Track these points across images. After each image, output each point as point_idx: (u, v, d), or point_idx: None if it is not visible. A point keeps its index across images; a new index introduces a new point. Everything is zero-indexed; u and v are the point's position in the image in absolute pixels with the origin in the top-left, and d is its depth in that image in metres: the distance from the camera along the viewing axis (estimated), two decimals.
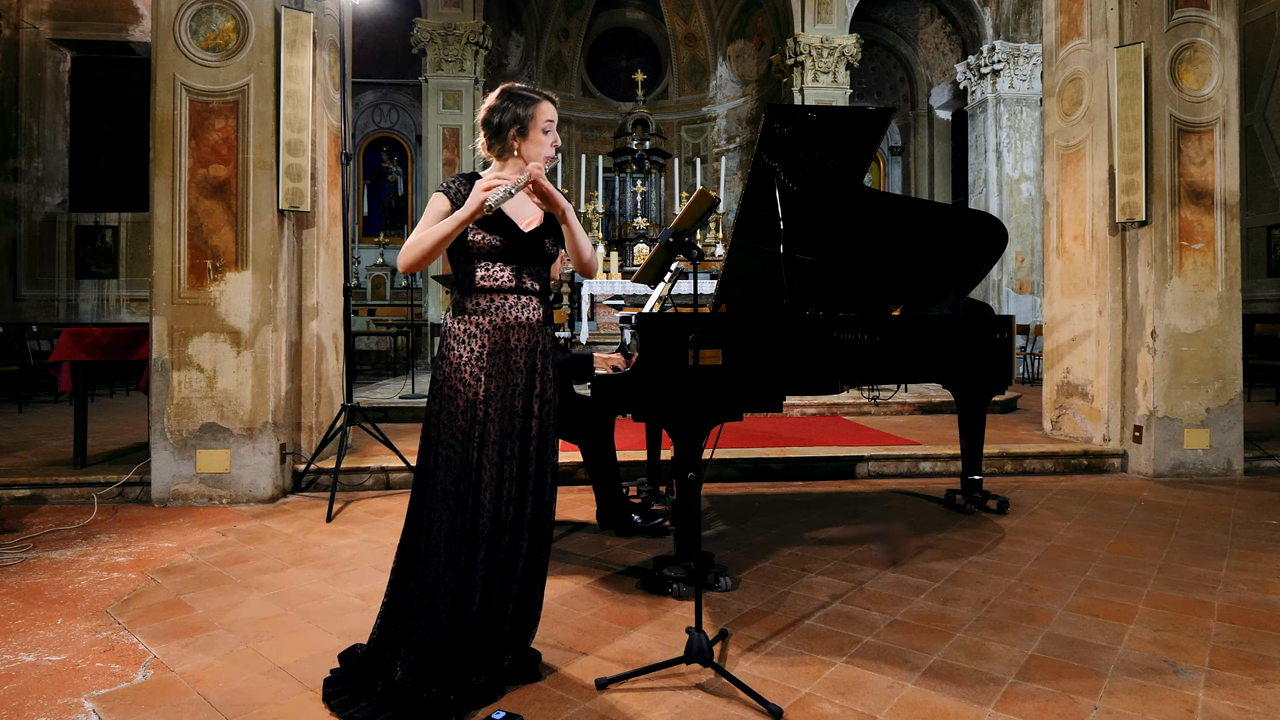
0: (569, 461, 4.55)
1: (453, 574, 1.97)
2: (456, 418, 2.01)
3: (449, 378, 2.02)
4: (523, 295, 2.08)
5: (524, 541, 2.07)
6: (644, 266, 3.45)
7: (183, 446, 4.07)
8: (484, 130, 2.11)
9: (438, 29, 10.27)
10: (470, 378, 2.01)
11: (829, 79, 10.28)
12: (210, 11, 4.16)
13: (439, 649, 1.94)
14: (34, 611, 2.59)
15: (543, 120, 2.08)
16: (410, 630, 1.97)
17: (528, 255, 2.09)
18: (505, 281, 2.06)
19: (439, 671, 1.93)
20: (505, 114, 2.06)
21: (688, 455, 2.67)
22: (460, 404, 2.01)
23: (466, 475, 1.99)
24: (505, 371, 2.05)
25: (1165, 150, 4.78)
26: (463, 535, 1.98)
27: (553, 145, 2.12)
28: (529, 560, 2.09)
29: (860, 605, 2.66)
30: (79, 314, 9.10)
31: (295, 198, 4.22)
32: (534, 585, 2.12)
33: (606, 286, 9.80)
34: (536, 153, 2.08)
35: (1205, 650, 2.30)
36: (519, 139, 2.07)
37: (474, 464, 2.00)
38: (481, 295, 2.05)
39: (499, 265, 2.05)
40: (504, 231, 2.04)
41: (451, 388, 2.02)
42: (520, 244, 2.06)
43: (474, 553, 1.99)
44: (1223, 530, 3.58)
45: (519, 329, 2.07)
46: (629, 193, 12.03)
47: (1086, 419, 5.20)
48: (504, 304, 2.06)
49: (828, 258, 3.50)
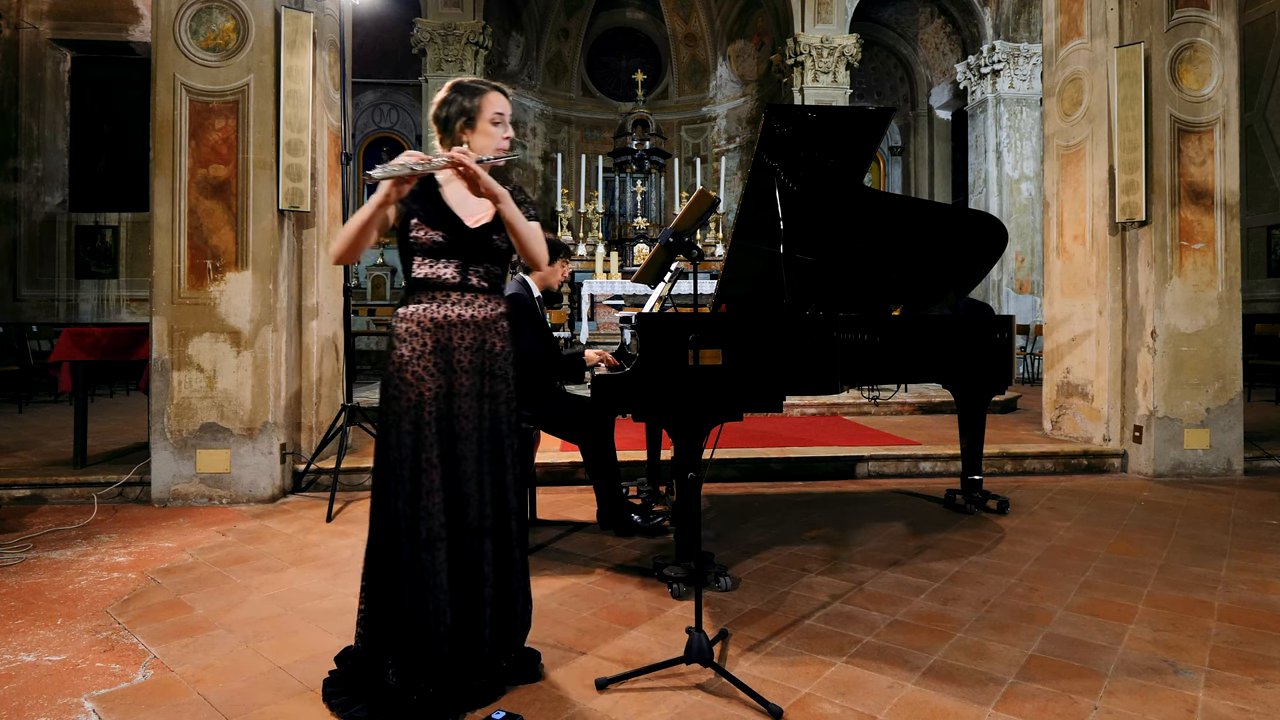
0: (569, 461, 4.56)
1: (413, 577, 1.92)
2: (402, 419, 1.95)
3: (393, 377, 1.97)
4: (467, 292, 2.01)
5: (488, 542, 2.00)
6: (644, 266, 3.45)
7: (183, 446, 4.07)
8: (435, 125, 2.06)
9: (438, 29, 10.27)
10: (413, 377, 1.96)
11: (829, 79, 10.28)
12: (210, 11, 4.16)
13: (421, 651, 1.91)
14: (34, 611, 2.59)
15: (490, 111, 2.02)
16: (387, 634, 1.93)
17: (473, 252, 2.01)
18: (449, 278, 1.99)
19: (428, 673, 1.90)
20: (452, 106, 2.02)
21: (688, 455, 2.67)
22: (404, 404, 1.95)
23: (416, 477, 1.94)
24: (449, 370, 1.98)
25: (1165, 150, 4.78)
26: (419, 538, 1.93)
27: (504, 137, 2.06)
28: (497, 561, 2.02)
29: (860, 605, 2.66)
30: (79, 314, 9.10)
31: (295, 198, 4.22)
32: (511, 585, 2.05)
33: (606, 286, 9.80)
34: (487, 144, 2.03)
35: (1205, 650, 2.30)
36: (467, 131, 2.02)
37: (422, 465, 1.94)
38: (423, 292, 1.99)
39: (442, 262, 1.99)
40: (447, 227, 1.97)
41: (395, 388, 1.96)
42: (464, 240, 1.99)
43: (433, 555, 1.93)
44: (1223, 530, 3.58)
45: (463, 327, 1.99)
46: (629, 193, 12.03)
47: (1086, 419, 5.20)
48: (446, 301, 1.99)
49: (828, 258, 3.50)
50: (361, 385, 7.67)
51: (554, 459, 4.58)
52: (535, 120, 13.05)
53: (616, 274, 10.32)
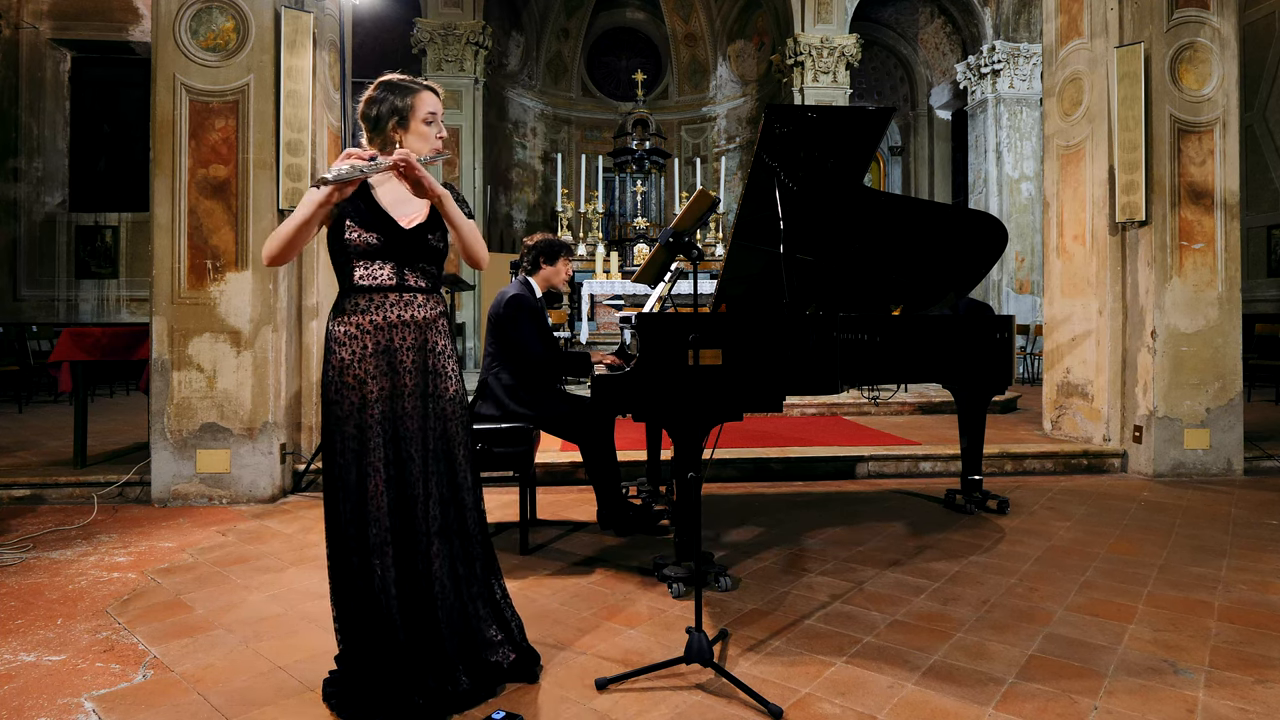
0: (569, 461, 4.56)
1: (368, 581, 1.92)
2: (344, 423, 1.94)
3: (333, 382, 1.95)
4: (405, 293, 1.98)
5: (446, 543, 1.99)
6: (644, 266, 3.46)
7: (183, 446, 4.07)
8: (363, 124, 2.01)
9: (438, 29, 10.27)
10: (354, 380, 1.94)
11: (829, 79, 10.28)
12: (210, 11, 4.16)
13: (383, 656, 1.91)
14: (34, 611, 2.59)
15: (424, 111, 1.99)
16: (358, 637, 1.93)
17: (410, 253, 1.98)
18: (385, 280, 1.96)
19: (394, 677, 1.90)
20: (383, 105, 1.97)
21: (688, 455, 2.67)
22: (346, 408, 1.94)
23: (363, 482, 1.93)
24: (391, 372, 1.96)
25: (1165, 150, 4.78)
26: (369, 542, 1.92)
27: (437, 137, 2.04)
28: (455, 561, 2.01)
29: (860, 605, 2.66)
30: (79, 314, 9.10)
31: (295, 197, 4.21)
32: (475, 584, 2.04)
33: (606, 286, 9.80)
34: (420, 146, 2.00)
35: (1205, 650, 2.30)
36: (399, 131, 1.98)
37: (364, 469, 1.93)
38: (360, 295, 1.96)
39: (378, 264, 1.96)
40: (381, 229, 1.94)
41: (337, 391, 1.94)
42: (400, 241, 1.96)
43: (384, 557, 1.92)
44: (1223, 530, 3.58)
45: (404, 328, 1.97)
46: (629, 193, 12.03)
47: (1086, 419, 5.20)
48: (384, 303, 1.96)
49: (828, 258, 3.50)
50: None
51: (554, 459, 4.58)
52: (535, 120, 13.04)
53: (616, 274, 10.32)
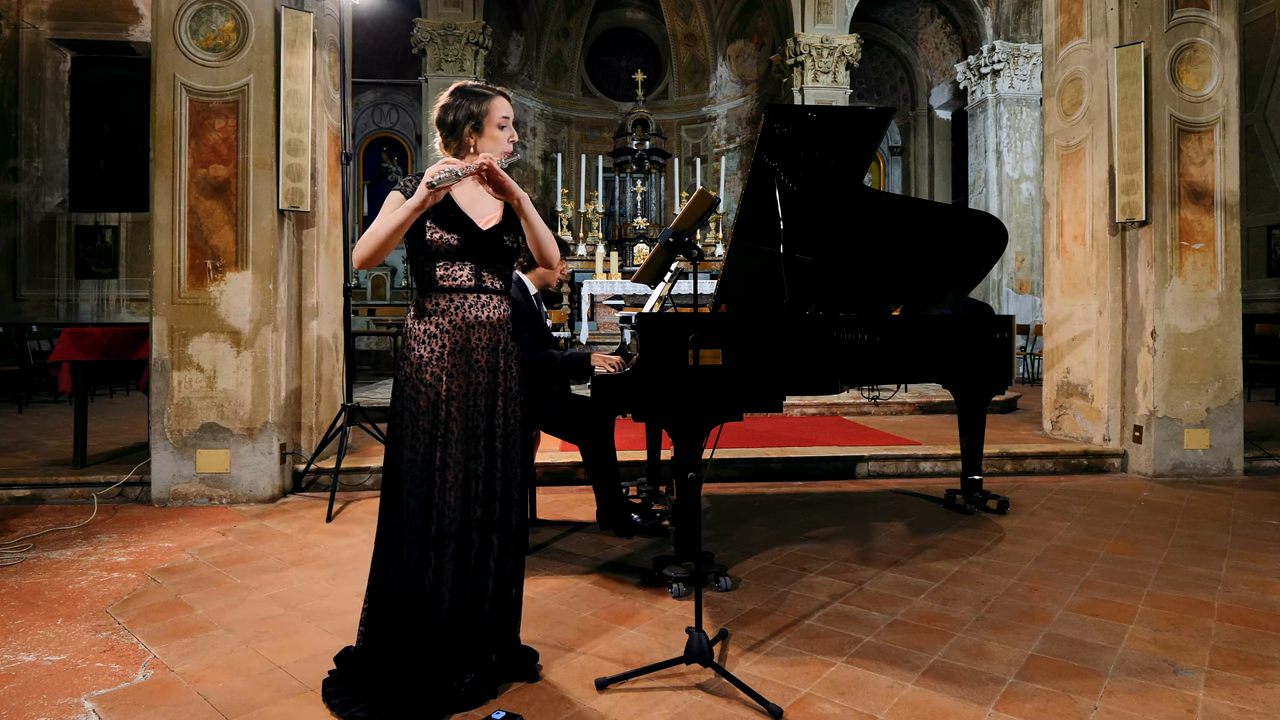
0: (569, 461, 4.55)
1: (422, 574, 1.97)
2: (419, 419, 2.00)
3: (410, 378, 2.02)
4: (483, 294, 2.06)
5: (495, 538, 2.06)
6: (644, 266, 3.45)
7: (183, 446, 4.07)
8: (439, 129, 2.11)
9: (438, 29, 10.27)
10: (431, 378, 2.00)
11: (829, 79, 10.28)
12: (210, 11, 4.16)
13: (422, 649, 1.94)
14: (34, 611, 2.59)
15: (498, 116, 2.08)
16: (391, 632, 1.97)
17: (487, 253, 2.06)
18: (465, 280, 2.04)
19: (426, 671, 1.93)
20: (460, 111, 2.07)
21: (688, 455, 2.67)
22: (422, 404, 2.00)
23: (430, 475, 1.99)
24: (467, 370, 2.03)
25: (1165, 150, 4.78)
26: (430, 535, 1.98)
27: (509, 140, 2.12)
28: (501, 557, 2.08)
29: (860, 605, 2.66)
30: (79, 314, 9.10)
31: (295, 198, 4.22)
32: (511, 581, 2.11)
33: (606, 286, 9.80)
34: (493, 148, 2.08)
35: (1205, 650, 2.30)
36: (474, 135, 2.07)
37: (437, 464, 1.99)
38: (441, 295, 2.03)
39: (458, 264, 2.04)
40: (462, 230, 2.02)
41: (413, 388, 2.01)
42: (478, 242, 2.04)
43: (442, 551, 1.98)
44: (1223, 530, 3.58)
45: (480, 328, 2.05)
46: (629, 193, 12.03)
47: (1086, 419, 5.20)
48: (464, 303, 2.04)
49: (828, 258, 3.50)
50: (361, 385, 7.67)
51: (554, 459, 4.58)
52: (535, 120, 13.05)
53: (616, 274, 10.32)
